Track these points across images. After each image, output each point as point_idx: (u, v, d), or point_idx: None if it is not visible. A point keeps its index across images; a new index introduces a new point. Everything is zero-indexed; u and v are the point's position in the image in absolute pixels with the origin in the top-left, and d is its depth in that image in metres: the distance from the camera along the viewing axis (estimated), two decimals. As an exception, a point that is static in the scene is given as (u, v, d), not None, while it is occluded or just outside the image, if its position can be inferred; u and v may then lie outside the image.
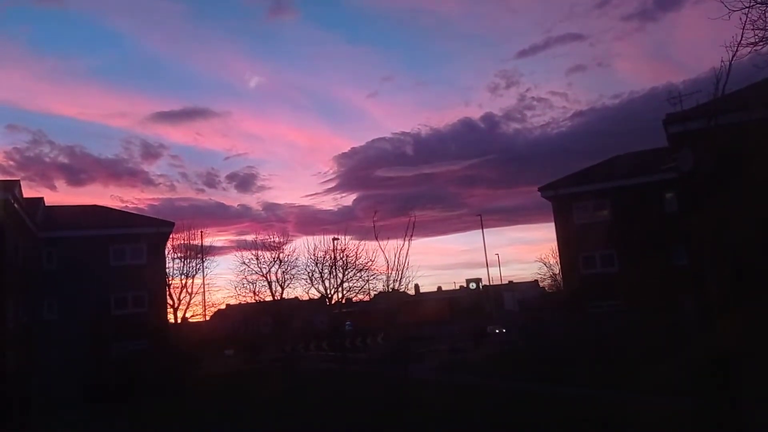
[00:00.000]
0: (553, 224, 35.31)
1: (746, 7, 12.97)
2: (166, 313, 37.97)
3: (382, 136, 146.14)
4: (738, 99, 18.89)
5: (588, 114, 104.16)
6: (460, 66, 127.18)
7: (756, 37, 13.25)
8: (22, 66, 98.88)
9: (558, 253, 37.91)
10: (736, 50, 14.00)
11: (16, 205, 25.87)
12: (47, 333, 30.12)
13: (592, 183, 33.76)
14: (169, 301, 40.49)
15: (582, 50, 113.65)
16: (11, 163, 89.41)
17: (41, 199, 35.53)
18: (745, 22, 13.09)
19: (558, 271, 56.90)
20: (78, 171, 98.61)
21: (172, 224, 37.35)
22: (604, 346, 25.18)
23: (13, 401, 18.74)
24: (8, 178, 28.23)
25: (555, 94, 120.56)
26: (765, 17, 12.90)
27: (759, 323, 16.03)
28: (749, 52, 14.10)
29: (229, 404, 20.93)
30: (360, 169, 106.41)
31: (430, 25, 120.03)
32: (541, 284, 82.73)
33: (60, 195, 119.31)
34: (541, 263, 73.33)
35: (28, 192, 29.80)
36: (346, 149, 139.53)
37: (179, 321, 43.06)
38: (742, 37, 13.37)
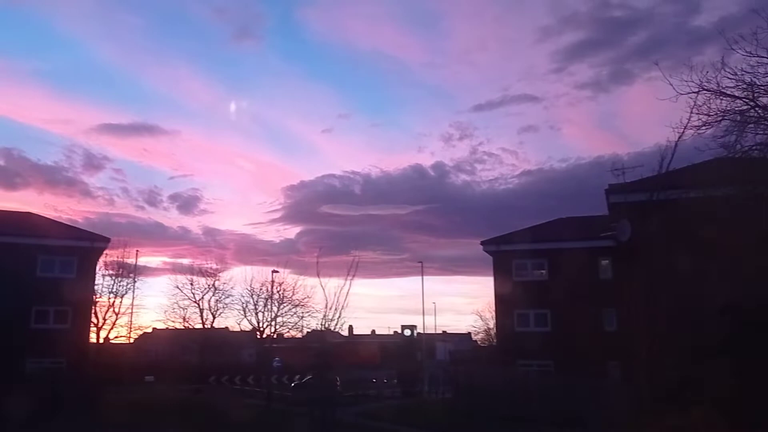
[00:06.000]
0: (491, 278, 35.82)
1: (694, 92, 13.93)
2: (88, 332, 36.33)
3: (332, 172, 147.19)
4: (678, 177, 19.92)
5: (535, 174, 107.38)
6: (416, 113, 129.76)
7: (700, 120, 14.22)
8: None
9: (494, 308, 38.33)
10: (683, 131, 14.90)
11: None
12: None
13: (533, 242, 34.51)
14: (93, 320, 38.87)
15: (535, 112, 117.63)
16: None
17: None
18: (693, 106, 14.03)
19: (492, 326, 57.57)
20: (12, 174, 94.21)
21: (108, 240, 36.15)
22: (528, 406, 25.39)
23: None
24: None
25: (506, 150, 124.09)
26: (710, 104, 13.86)
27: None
28: (692, 134, 15.04)
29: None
30: (306, 203, 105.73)
31: (390, 70, 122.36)
32: (474, 337, 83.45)
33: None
34: (476, 316, 74.18)
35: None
36: (295, 182, 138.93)
37: (101, 341, 41.28)
38: (689, 119, 14.29)
